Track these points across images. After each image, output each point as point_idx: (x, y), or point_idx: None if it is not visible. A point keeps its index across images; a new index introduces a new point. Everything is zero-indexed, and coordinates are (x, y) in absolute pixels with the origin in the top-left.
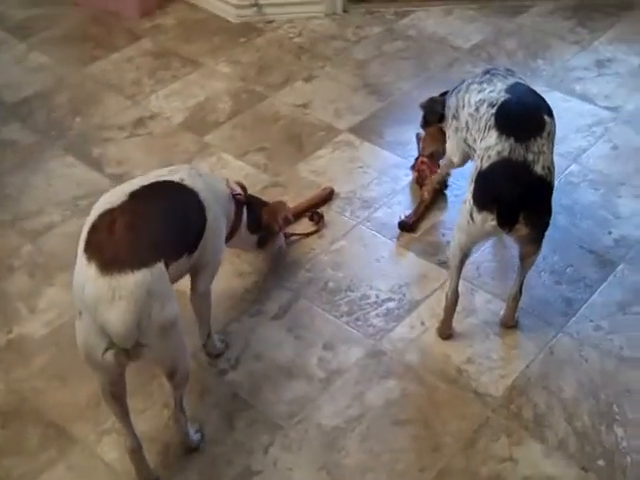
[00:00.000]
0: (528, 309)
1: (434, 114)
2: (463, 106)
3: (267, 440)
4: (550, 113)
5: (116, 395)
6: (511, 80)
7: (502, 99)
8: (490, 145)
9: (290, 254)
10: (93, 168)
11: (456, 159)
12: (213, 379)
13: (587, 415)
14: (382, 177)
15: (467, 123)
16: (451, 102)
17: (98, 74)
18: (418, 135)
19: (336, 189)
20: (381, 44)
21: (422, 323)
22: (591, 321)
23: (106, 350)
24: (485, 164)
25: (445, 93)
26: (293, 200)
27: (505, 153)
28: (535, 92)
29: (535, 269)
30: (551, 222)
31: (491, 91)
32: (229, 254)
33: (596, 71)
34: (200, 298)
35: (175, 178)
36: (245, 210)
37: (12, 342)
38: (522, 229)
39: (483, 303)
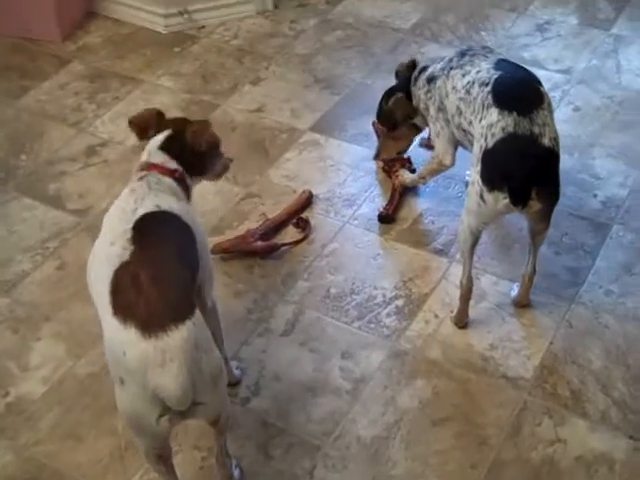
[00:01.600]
0: (535, 284)
1: (401, 109)
2: (447, 95)
3: (309, 464)
4: (541, 84)
5: (164, 457)
6: (493, 57)
7: (494, 77)
8: (492, 122)
9: (284, 265)
10: (54, 206)
11: (448, 158)
12: (237, 409)
13: (621, 383)
14: (356, 172)
15: (458, 107)
16: (429, 94)
17: (33, 105)
18: (374, 123)
19: (313, 191)
20: (321, 36)
21: (435, 316)
22: (600, 287)
23: (160, 416)
24: (490, 142)
25: (401, 86)
26: (272, 209)
27: (510, 128)
28: (521, 66)
29: None
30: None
31: (478, 71)
32: (219, 275)
33: (539, 35)
34: (211, 313)
35: (151, 207)
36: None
37: (11, 406)
38: (535, 204)
39: (490, 285)
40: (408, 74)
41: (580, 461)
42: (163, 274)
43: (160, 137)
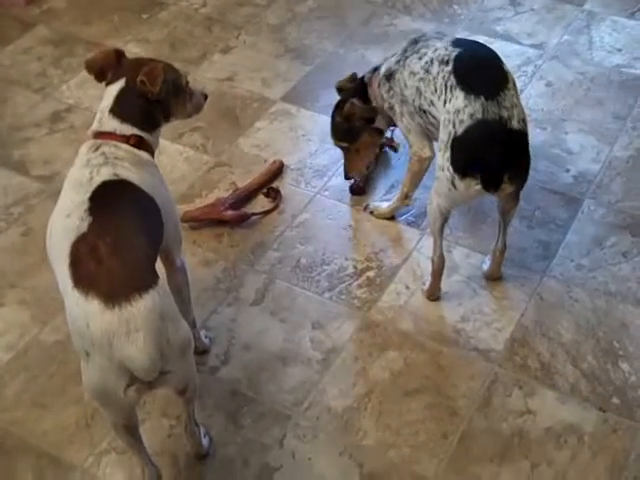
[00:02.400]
0: (507, 257)
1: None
2: (405, 84)
3: (279, 433)
4: (502, 61)
5: (130, 427)
6: (448, 37)
7: (454, 54)
8: (459, 108)
9: (254, 235)
10: (18, 172)
11: (426, 150)
12: (207, 378)
13: (591, 355)
14: (327, 143)
15: (418, 89)
16: (391, 91)
17: None
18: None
19: (284, 161)
20: (293, 6)
21: (407, 287)
22: (572, 261)
23: (127, 387)
24: (460, 129)
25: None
26: (242, 178)
27: (479, 115)
28: (480, 43)
29: None
30: None
31: (435, 50)
32: (188, 244)
33: (512, 10)
34: (179, 273)
35: (108, 176)
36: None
37: None
38: (507, 187)
39: (462, 258)
40: (352, 85)
41: (550, 432)
42: (123, 244)
43: (111, 97)
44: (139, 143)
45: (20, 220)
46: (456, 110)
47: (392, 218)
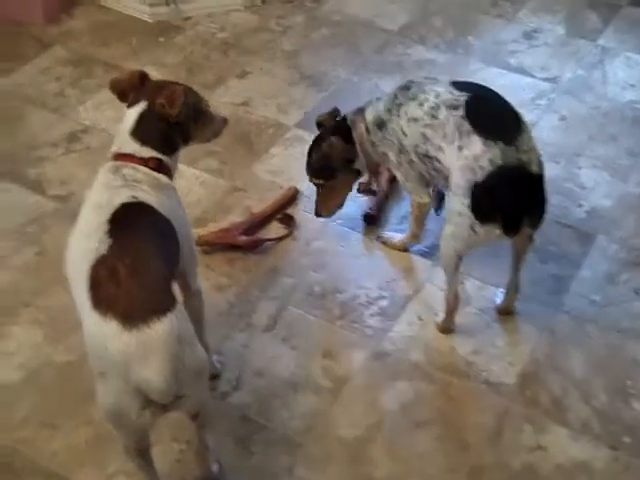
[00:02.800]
0: (520, 291)
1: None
2: (405, 133)
3: (289, 461)
4: (512, 104)
5: (142, 450)
6: (443, 80)
7: (463, 99)
8: (477, 154)
9: (267, 260)
10: (34, 191)
11: (425, 197)
12: (218, 403)
13: (603, 392)
14: None
15: (424, 135)
16: (385, 140)
17: (13, 89)
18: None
19: (299, 188)
20: (308, 33)
21: (419, 318)
22: (584, 296)
23: (142, 409)
24: (480, 175)
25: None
26: (257, 203)
27: (499, 161)
28: (482, 85)
29: None
30: None
31: (437, 95)
32: (201, 268)
33: (526, 43)
34: (196, 297)
35: (126, 199)
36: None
37: None
38: (527, 230)
39: (475, 290)
40: (333, 122)
41: (560, 469)
42: (142, 266)
43: (131, 119)
44: (158, 166)
45: (35, 239)
46: (475, 156)
47: (405, 249)
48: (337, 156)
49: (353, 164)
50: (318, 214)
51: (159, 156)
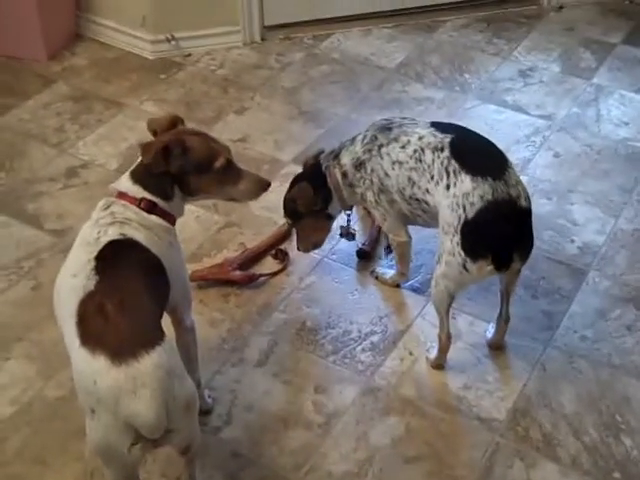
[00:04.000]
0: (511, 327)
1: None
2: (387, 174)
3: None
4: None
5: None
6: (422, 122)
7: (447, 140)
8: (468, 191)
9: (260, 296)
10: (31, 225)
11: (403, 234)
12: (208, 438)
13: (593, 428)
14: None
15: (410, 178)
16: (362, 181)
17: (15, 124)
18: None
19: None
20: (307, 70)
21: (410, 353)
22: (575, 332)
23: (132, 445)
24: (470, 212)
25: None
26: (251, 239)
27: (489, 196)
28: (462, 126)
29: None
30: None
31: (420, 138)
32: (194, 304)
33: (522, 81)
34: (188, 333)
35: (114, 236)
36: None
37: None
38: (517, 264)
39: (466, 326)
40: (314, 164)
41: None
42: (130, 302)
43: (138, 159)
44: (150, 207)
45: (30, 274)
46: (464, 194)
47: (397, 286)
48: (303, 202)
49: (324, 209)
50: (298, 248)
51: (152, 198)
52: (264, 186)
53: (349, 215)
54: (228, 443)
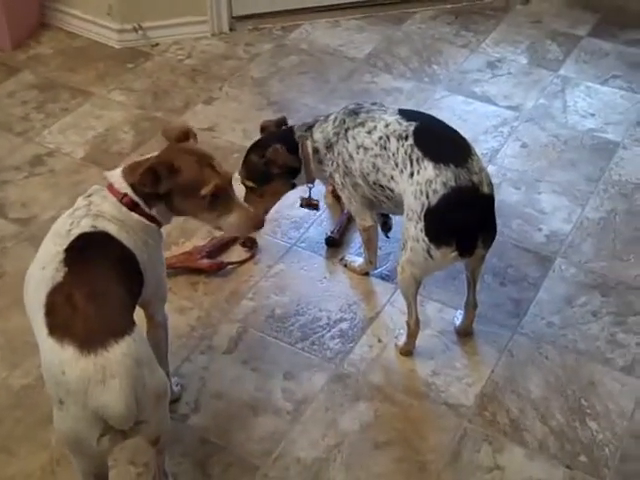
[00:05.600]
0: (479, 314)
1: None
2: (351, 157)
3: None
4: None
5: (100, 476)
6: (391, 109)
7: (411, 128)
8: (430, 178)
9: (229, 284)
10: None
11: (368, 220)
12: (176, 426)
13: (559, 413)
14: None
15: (375, 165)
16: (331, 162)
17: None
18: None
19: None
20: (276, 60)
21: (379, 340)
22: (542, 318)
23: (101, 436)
24: (434, 199)
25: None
26: None
27: (452, 182)
28: (427, 113)
29: None
30: None
31: (386, 125)
32: None
33: (490, 72)
34: (159, 329)
35: (86, 228)
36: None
37: None
38: (481, 250)
39: (435, 313)
40: (278, 130)
41: None
42: (98, 292)
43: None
44: (132, 206)
45: None
46: (427, 180)
47: (365, 274)
48: (279, 164)
49: (293, 177)
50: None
51: (135, 198)
52: (256, 225)
53: (310, 188)
54: (196, 430)
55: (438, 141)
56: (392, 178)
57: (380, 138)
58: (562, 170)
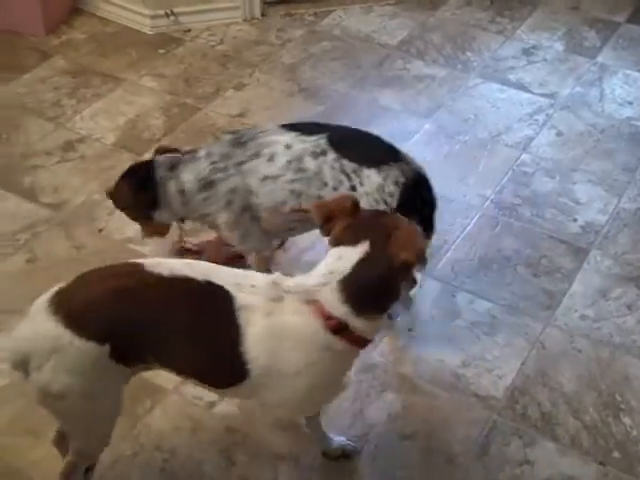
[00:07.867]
0: (512, 305)
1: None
2: (253, 192)
3: (272, 473)
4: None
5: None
6: (274, 127)
7: (323, 141)
8: (380, 183)
9: None
10: (27, 199)
11: (269, 247)
12: (202, 413)
13: (592, 408)
14: None
15: (293, 191)
16: (210, 201)
17: (12, 98)
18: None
19: None
20: (307, 46)
21: (409, 330)
22: (576, 311)
23: None
24: (393, 201)
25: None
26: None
27: (402, 179)
28: (319, 122)
29: (510, 263)
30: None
31: (287, 146)
32: None
33: (525, 59)
34: None
35: None
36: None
37: None
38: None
39: (466, 304)
40: (143, 163)
41: None
42: None
43: (348, 266)
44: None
45: (26, 247)
46: (378, 187)
47: None
48: (117, 202)
49: (150, 210)
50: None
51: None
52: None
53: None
54: (222, 418)
55: (360, 146)
56: (320, 198)
57: (289, 162)
58: (598, 159)
